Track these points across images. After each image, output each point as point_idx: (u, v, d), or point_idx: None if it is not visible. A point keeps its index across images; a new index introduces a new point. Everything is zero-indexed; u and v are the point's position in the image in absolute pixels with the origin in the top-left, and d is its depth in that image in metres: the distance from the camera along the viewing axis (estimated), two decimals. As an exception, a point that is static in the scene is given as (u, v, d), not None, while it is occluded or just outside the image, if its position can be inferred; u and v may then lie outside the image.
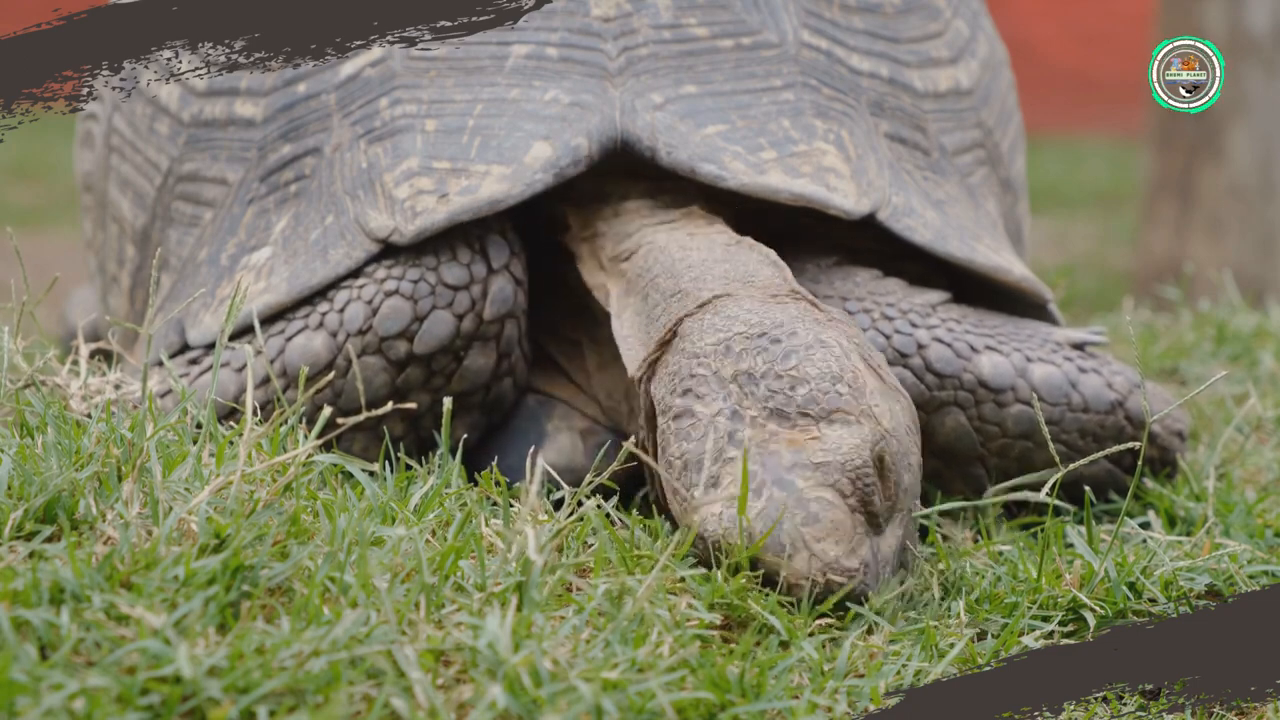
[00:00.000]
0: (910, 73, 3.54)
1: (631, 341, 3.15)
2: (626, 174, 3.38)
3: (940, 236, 3.37)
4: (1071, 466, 3.00)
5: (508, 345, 3.25)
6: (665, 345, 3.01)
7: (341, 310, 3.20)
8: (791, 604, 2.73)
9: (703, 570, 2.71)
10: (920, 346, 3.26)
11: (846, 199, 3.30)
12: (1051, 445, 2.95)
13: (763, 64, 3.40)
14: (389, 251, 3.25)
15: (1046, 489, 2.94)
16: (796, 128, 3.35)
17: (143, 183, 3.63)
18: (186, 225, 3.53)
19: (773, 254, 3.16)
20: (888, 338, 3.26)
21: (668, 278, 3.15)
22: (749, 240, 3.20)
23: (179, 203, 3.55)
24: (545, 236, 3.43)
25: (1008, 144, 3.77)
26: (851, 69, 3.47)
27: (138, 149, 3.65)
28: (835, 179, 3.31)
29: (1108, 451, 2.99)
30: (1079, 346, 3.38)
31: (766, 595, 2.69)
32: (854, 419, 2.83)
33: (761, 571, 2.74)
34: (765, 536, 2.71)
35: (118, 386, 3.14)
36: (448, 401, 2.92)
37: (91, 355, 3.27)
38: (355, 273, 3.25)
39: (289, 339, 3.21)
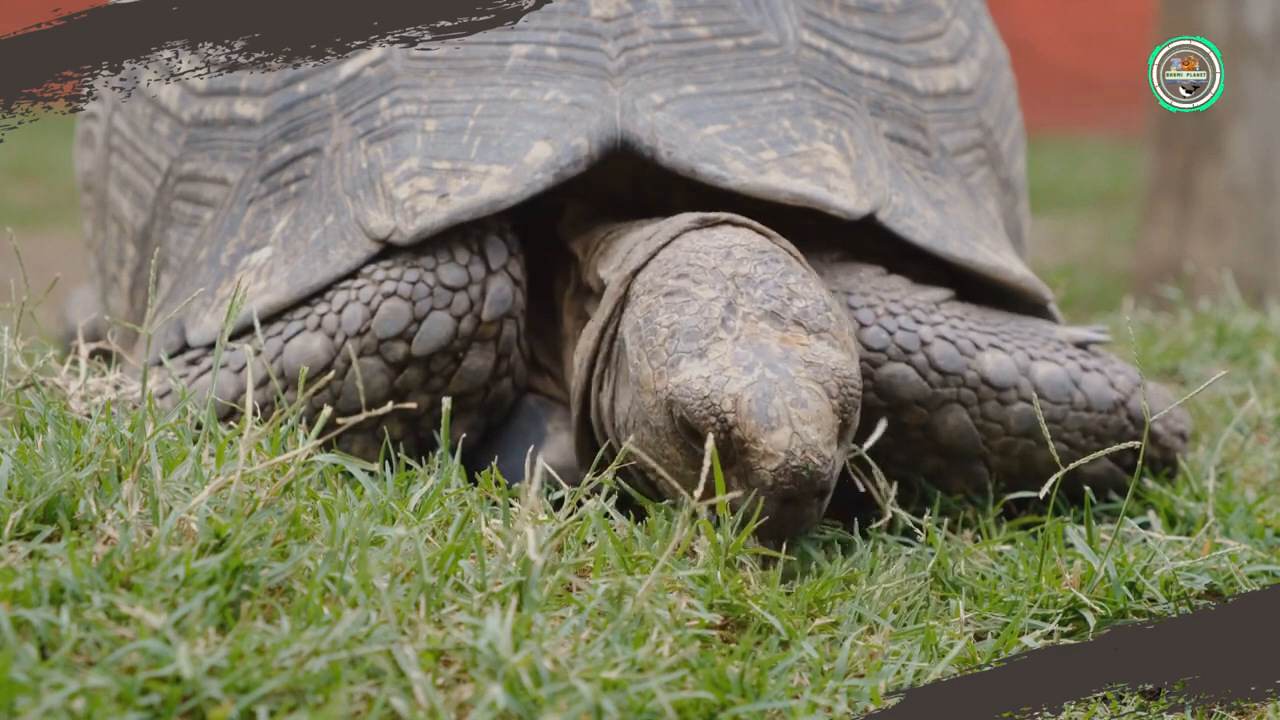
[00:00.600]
0: (910, 73, 3.54)
1: (607, 272, 3.19)
2: (630, 187, 3.39)
3: (940, 236, 3.37)
4: (1073, 465, 3.00)
5: (506, 346, 3.25)
6: (660, 249, 3.08)
7: (340, 311, 3.20)
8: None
9: (702, 571, 2.71)
10: (924, 343, 3.26)
11: (847, 199, 3.30)
12: (1052, 444, 2.95)
13: (763, 64, 3.40)
14: (389, 251, 3.25)
15: (1046, 488, 2.94)
16: (797, 128, 3.35)
17: (143, 183, 3.63)
18: (186, 225, 3.53)
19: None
20: (891, 334, 3.26)
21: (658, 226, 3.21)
22: None
23: (179, 203, 3.55)
24: (543, 237, 3.43)
25: (1008, 144, 3.77)
26: (851, 69, 3.47)
27: (138, 149, 3.65)
28: (835, 179, 3.31)
29: (1110, 450, 2.99)
30: (1082, 345, 3.38)
31: (766, 595, 2.69)
32: (839, 344, 2.93)
33: (732, 445, 2.81)
34: (752, 404, 2.79)
35: (117, 386, 3.14)
36: (446, 402, 2.92)
37: (91, 355, 3.27)
38: (354, 273, 3.24)
39: (287, 340, 3.21)
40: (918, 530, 3.13)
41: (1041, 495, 3.00)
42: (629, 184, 3.41)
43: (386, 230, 3.23)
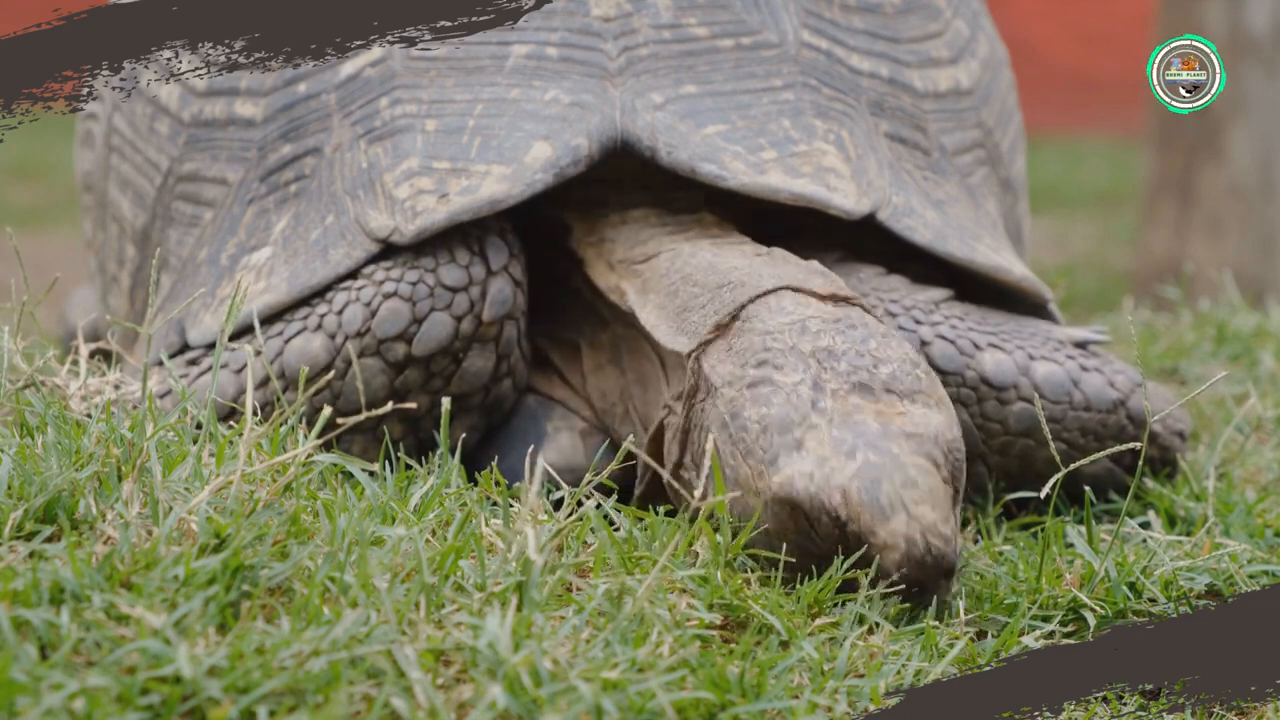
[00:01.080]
0: (910, 73, 3.54)
1: (663, 330, 3.12)
2: (633, 181, 3.38)
3: (940, 236, 3.37)
4: (1073, 466, 3.00)
5: (507, 347, 3.24)
6: (724, 327, 2.99)
7: (340, 312, 3.20)
8: (866, 601, 2.70)
9: (702, 571, 2.71)
10: (923, 343, 3.26)
11: (847, 199, 3.30)
12: (1052, 443, 2.95)
13: (763, 64, 3.40)
14: (389, 252, 3.25)
15: (1047, 488, 2.94)
16: (797, 128, 3.35)
17: (143, 182, 3.63)
18: (186, 225, 3.53)
19: (816, 264, 3.14)
20: None
21: (709, 273, 3.11)
22: (780, 250, 3.19)
23: (179, 203, 3.55)
24: (543, 238, 3.43)
25: (1008, 144, 3.77)
26: (851, 69, 3.47)
27: (138, 149, 3.65)
28: (835, 179, 3.31)
29: (1110, 451, 2.99)
30: (1081, 345, 3.38)
31: (766, 595, 2.69)
32: (934, 403, 2.83)
33: (849, 539, 2.71)
34: (862, 494, 2.70)
35: (117, 386, 3.14)
36: (446, 402, 2.91)
37: (91, 355, 3.27)
38: (355, 273, 3.24)
39: (287, 340, 3.21)
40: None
41: (1042, 496, 2.99)
42: (633, 180, 3.41)
43: (386, 230, 3.23)
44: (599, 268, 3.33)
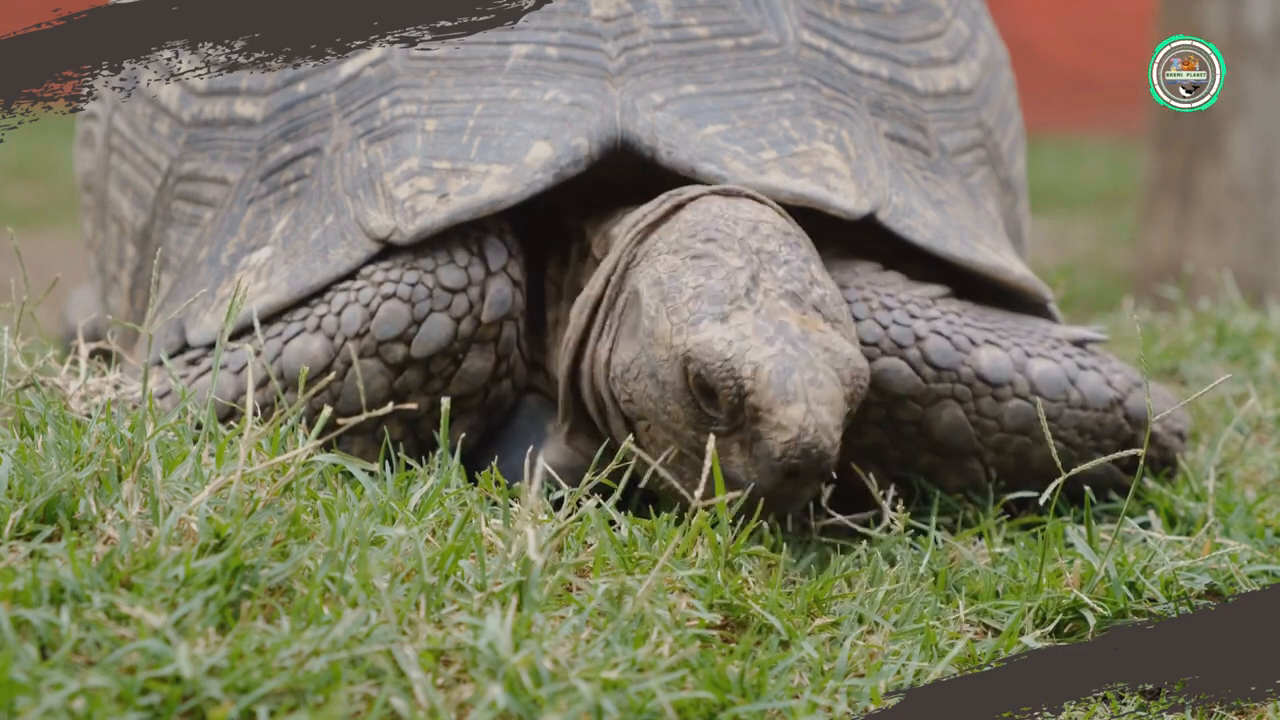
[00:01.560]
0: (910, 73, 3.54)
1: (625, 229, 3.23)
2: (631, 182, 3.39)
3: (940, 236, 3.37)
4: (1074, 471, 3.00)
5: (506, 347, 3.24)
6: (679, 208, 3.14)
7: (339, 313, 3.20)
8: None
9: (702, 571, 2.71)
10: (918, 338, 3.26)
11: (847, 199, 3.30)
12: (1050, 441, 2.95)
13: (763, 64, 3.40)
14: (389, 251, 3.25)
15: (1048, 493, 2.94)
16: (797, 128, 3.35)
17: (143, 182, 3.63)
18: (186, 225, 3.53)
19: None
20: (885, 328, 3.25)
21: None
22: None
23: (179, 202, 3.55)
24: (542, 239, 3.42)
25: (1008, 144, 3.77)
26: (851, 69, 3.47)
27: (138, 149, 3.65)
28: (835, 179, 3.31)
29: (1112, 457, 2.98)
30: (1080, 344, 3.38)
31: (766, 595, 2.69)
32: (851, 339, 3.01)
33: (744, 411, 2.87)
34: (773, 375, 2.85)
35: (117, 386, 3.14)
36: (445, 401, 2.92)
37: (91, 355, 3.27)
38: (354, 273, 3.24)
39: (286, 341, 3.21)
40: (919, 530, 3.13)
41: (1042, 501, 3.00)
42: (633, 183, 3.41)
43: (386, 230, 3.23)
44: (600, 231, 3.33)
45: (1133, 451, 3.00)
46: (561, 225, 3.43)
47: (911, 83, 3.54)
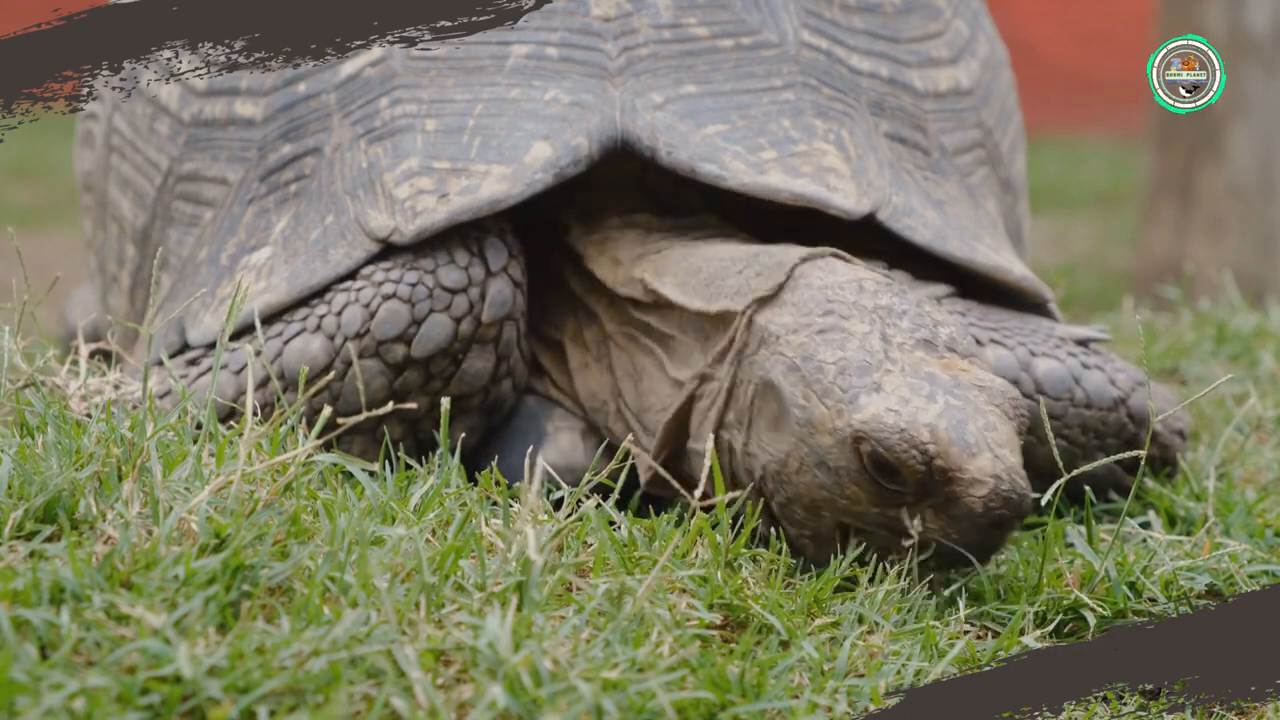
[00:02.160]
0: (910, 72, 3.54)
1: (694, 300, 3.15)
2: (631, 182, 3.38)
3: (940, 236, 3.37)
4: (1076, 471, 3.00)
5: (506, 348, 3.24)
6: (778, 285, 3.02)
7: (339, 313, 3.19)
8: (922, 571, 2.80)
9: (702, 571, 2.71)
10: None
11: (847, 199, 3.30)
12: (1053, 440, 2.95)
13: (763, 64, 3.40)
14: (389, 251, 3.25)
15: (1049, 495, 2.94)
16: (797, 128, 3.35)
17: (143, 182, 3.63)
18: (186, 225, 3.53)
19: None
20: None
21: (734, 252, 3.18)
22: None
23: (179, 202, 3.55)
24: (542, 239, 3.42)
25: (1008, 144, 3.77)
26: (851, 69, 3.47)
27: (138, 149, 3.65)
28: (835, 179, 3.31)
29: (1116, 458, 2.97)
30: (1083, 343, 3.38)
31: (766, 595, 2.69)
32: (988, 368, 2.92)
33: (933, 476, 2.77)
34: (950, 432, 2.76)
35: (117, 386, 3.14)
36: (445, 401, 2.91)
37: (91, 355, 3.27)
38: (354, 273, 3.24)
39: (286, 341, 3.20)
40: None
41: (1043, 503, 3.00)
42: (633, 182, 3.41)
43: (386, 230, 3.23)
44: (602, 263, 3.33)
45: (1136, 453, 3.00)
46: (560, 223, 3.43)
47: (911, 83, 3.54)
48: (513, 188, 3.22)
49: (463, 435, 3.24)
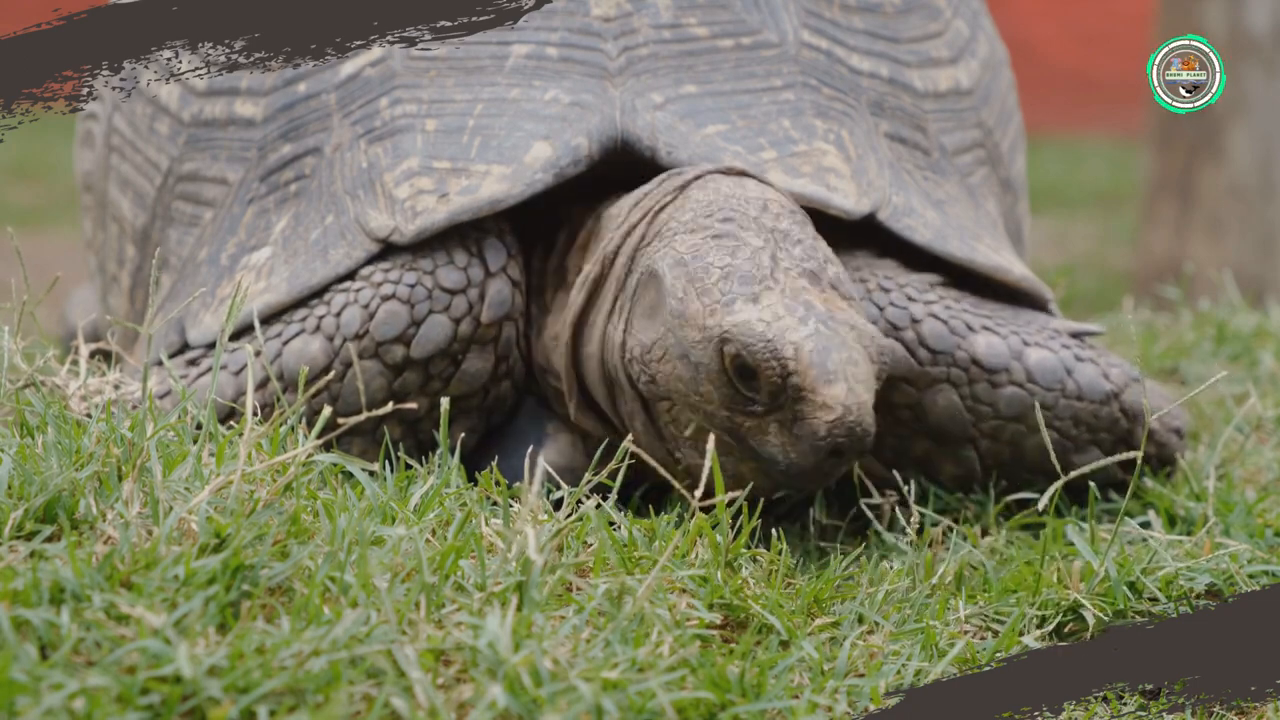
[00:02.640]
0: (910, 73, 3.54)
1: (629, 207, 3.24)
2: (628, 183, 3.39)
3: (940, 236, 3.37)
4: (1074, 474, 2.99)
5: (505, 348, 3.24)
6: (684, 187, 3.15)
7: (338, 314, 3.19)
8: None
9: (702, 571, 2.71)
10: (914, 320, 3.26)
11: (847, 199, 3.30)
12: (1045, 430, 2.96)
13: (763, 64, 3.41)
14: (389, 251, 3.25)
15: (1044, 500, 2.93)
16: (797, 128, 3.35)
17: (143, 182, 3.63)
18: (186, 225, 3.53)
19: None
20: (881, 309, 3.26)
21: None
22: None
23: (179, 202, 3.55)
24: (540, 237, 3.42)
25: (1008, 144, 3.77)
26: (852, 69, 3.47)
27: (138, 149, 3.65)
28: (835, 179, 3.31)
29: (1113, 460, 2.97)
30: (1077, 336, 3.38)
31: (766, 595, 2.69)
32: (862, 315, 3.00)
33: (786, 391, 2.87)
34: (814, 354, 2.86)
35: (117, 386, 3.14)
36: (445, 401, 2.92)
37: (91, 355, 3.27)
38: (353, 274, 3.24)
39: (286, 342, 3.20)
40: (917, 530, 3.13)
41: (1040, 508, 3.00)
42: (629, 182, 3.41)
43: (386, 230, 3.23)
44: (597, 215, 3.33)
45: (1132, 454, 2.99)
46: (555, 219, 3.43)
47: (911, 83, 3.54)
48: (513, 188, 3.23)
49: (462, 435, 3.24)
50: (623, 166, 3.33)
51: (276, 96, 3.44)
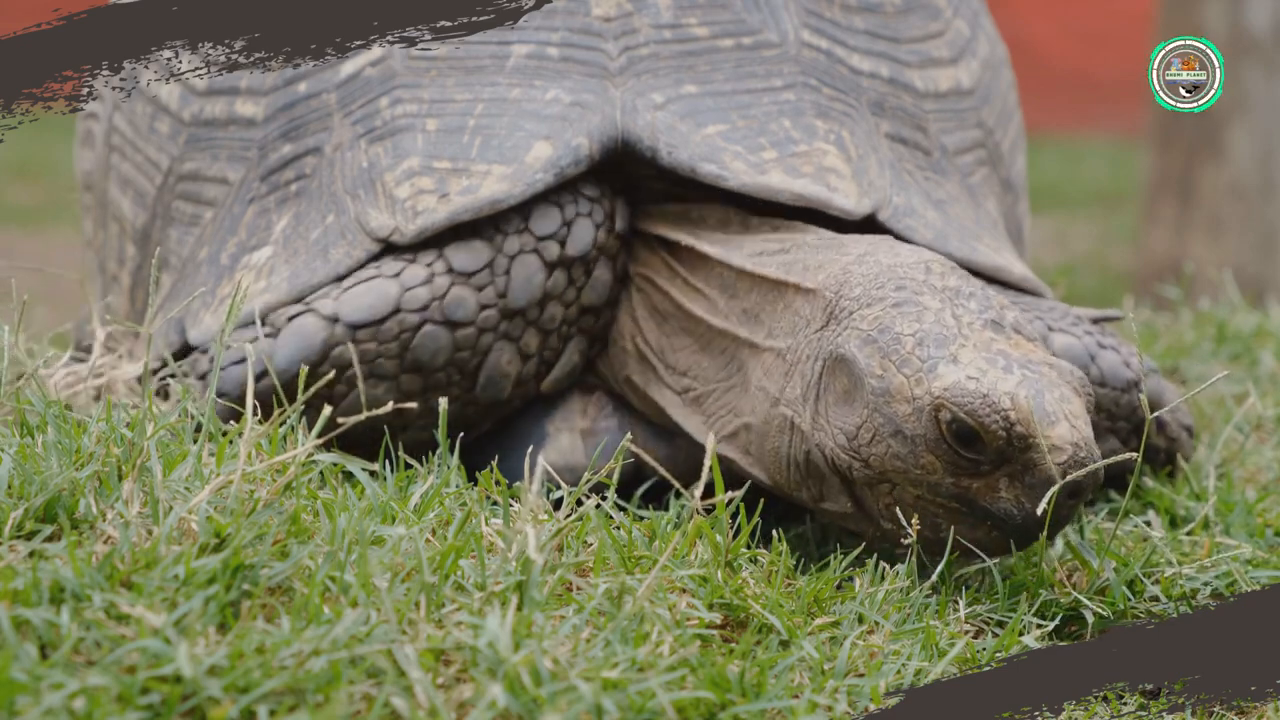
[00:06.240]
0: (911, 73, 3.54)
1: (735, 255, 3.20)
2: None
3: (941, 236, 3.37)
4: (1078, 474, 2.98)
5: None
6: (850, 263, 3.06)
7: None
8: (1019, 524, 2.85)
9: (702, 571, 2.71)
10: None
11: (848, 199, 3.30)
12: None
13: (763, 64, 3.41)
14: (389, 251, 3.26)
15: (1043, 504, 2.92)
16: (797, 128, 3.35)
17: (143, 182, 3.64)
18: (187, 224, 3.53)
19: None
20: None
21: (780, 231, 3.25)
22: None
23: (179, 202, 3.55)
24: None
25: (1008, 144, 3.77)
26: (852, 69, 3.47)
27: (138, 148, 3.65)
28: (836, 179, 3.31)
29: (1123, 457, 2.95)
30: (1097, 323, 3.38)
31: (766, 595, 2.69)
32: (1047, 351, 2.95)
33: (1012, 444, 2.81)
34: (1030, 400, 2.80)
35: (100, 374, 3.13)
36: (443, 401, 2.92)
37: (85, 348, 3.27)
38: (351, 273, 3.25)
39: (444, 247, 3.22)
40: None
41: (1038, 512, 2.99)
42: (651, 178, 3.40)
43: (387, 230, 3.24)
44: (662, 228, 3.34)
45: (1129, 455, 2.98)
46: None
47: (912, 83, 3.54)
48: (513, 188, 3.23)
49: (460, 435, 3.24)
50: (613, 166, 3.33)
51: (277, 96, 3.45)
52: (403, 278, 3.20)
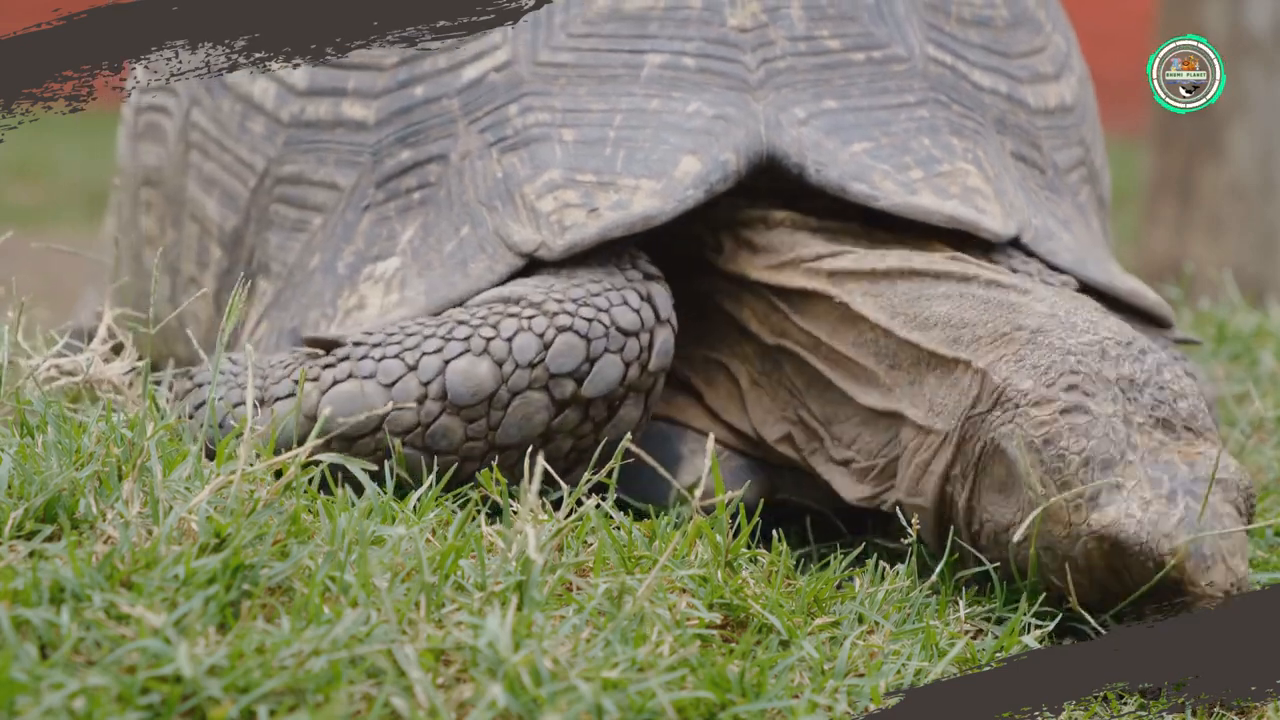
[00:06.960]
0: (1024, 88, 3.45)
1: (900, 323, 3.07)
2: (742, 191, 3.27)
3: (1080, 261, 3.29)
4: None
5: (655, 399, 3.12)
6: (1005, 336, 2.94)
7: (510, 338, 3.01)
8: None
9: (702, 571, 2.71)
10: None
11: (995, 221, 3.21)
12: None
13: (894, 79, 3.30)
14: (532, 267, 3.13)
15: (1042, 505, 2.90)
16: (937, 146, 3.25)
17: (233, 183, 3.50)
18: (290, 230, 3.39)
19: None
20: None
21: (949, 287, 3.09)
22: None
23: (279, 205, 3.42)
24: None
25: (1100, 160, 3.66)
26: (975, 85, 3.37)
27: (225, 147, 3.51)
28: (982, 200, 3.22)
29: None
30: (1178, 344, 3.37)
31: (766, 595, 2.69)
32: (1217, 442, 2.86)
33: (1167, 583, 2.74)
34: (1189, 545, 2.72)
35: (73, 373, 3.09)
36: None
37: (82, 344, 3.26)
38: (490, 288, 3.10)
39: (447, 360, 3.01)
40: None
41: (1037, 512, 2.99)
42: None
43: (532, 245, 3.12)
44: (755, 266, 3.22)
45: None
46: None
47: (1025, 99, 3.45)
48: (665, 204, 3.11)
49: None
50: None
51: (390, 99, 3.33)
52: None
